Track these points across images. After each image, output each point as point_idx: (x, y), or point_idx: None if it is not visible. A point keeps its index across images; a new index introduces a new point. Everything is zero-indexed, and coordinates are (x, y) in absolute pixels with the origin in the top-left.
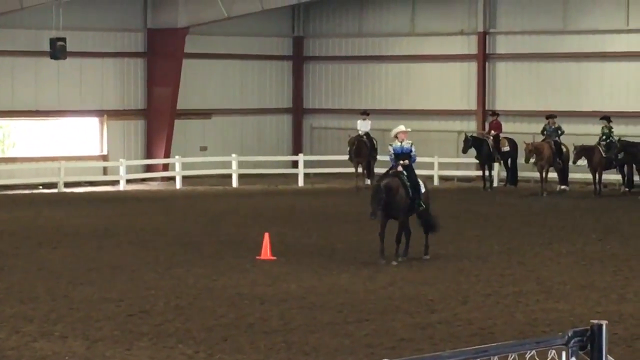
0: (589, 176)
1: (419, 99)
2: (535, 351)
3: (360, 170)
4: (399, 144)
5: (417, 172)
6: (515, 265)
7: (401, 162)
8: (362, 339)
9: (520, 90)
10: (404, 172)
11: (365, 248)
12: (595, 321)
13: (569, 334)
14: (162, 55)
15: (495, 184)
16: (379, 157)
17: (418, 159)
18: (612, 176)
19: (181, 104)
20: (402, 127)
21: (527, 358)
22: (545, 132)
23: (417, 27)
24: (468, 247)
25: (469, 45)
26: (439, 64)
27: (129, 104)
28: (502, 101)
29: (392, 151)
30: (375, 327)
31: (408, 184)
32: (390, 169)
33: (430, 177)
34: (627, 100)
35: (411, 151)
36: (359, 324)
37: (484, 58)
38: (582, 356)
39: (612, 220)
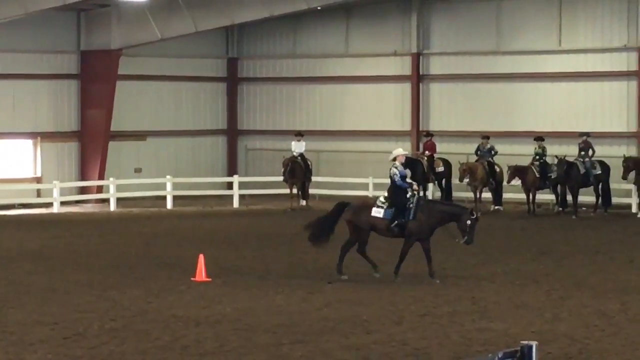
0: (523, 196)
1: (353, 120)
2: None
3: (295, 191)
4: (400, 166)
5: (353, 192)
6: (450, 285)
7: (415, 186)
8: None
9: (454, 111)
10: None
11: (300, 269)
12: (525, 342)
13: (499, 355)
14: (96, 77)
15: None
16: (313, 178)
17: (354, 180)
18: (545, 196)
19: (115, 126)
20: (401, 150)
21: None
22: (478, 153)
23: (351, 48)
24: (403, 267)
25: (402, 66)
26: (373, 85)
27: (63, 126)
28: (436, 122)
29: (398, 173)
30: (310, 348)
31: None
32: (399, 189)
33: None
34: (560, 121)
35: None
36: (293, 345)
37: (418, 79)
38: None
39: (546, 240)
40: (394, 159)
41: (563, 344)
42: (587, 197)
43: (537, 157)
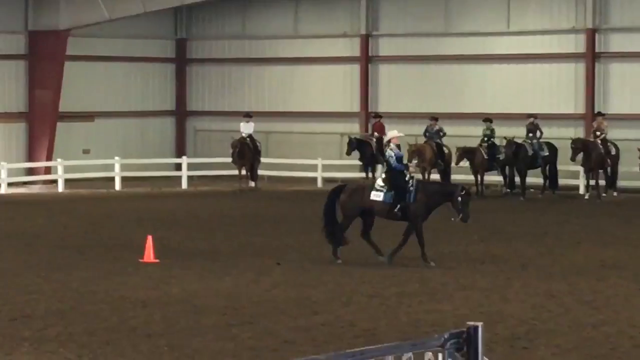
0: (471, 177)
1: (302, 101)
2: (413, 353)
3: (243, 172)
4: (395, 148)
5: (302, 173)
6: (398, 266)
7: (411, 168)
8: (246, 341)
9: (403, 92)
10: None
11: (249, 251)
12: (472, 323)
13: (445, 336)
14: (44, 57)
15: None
16: (262, 160)
17: (303, 161)
18: (494, 177)
19: (63, 107)
20: (395, 132)
21: None
22: (427, 134)
23: (301, 29)
24: (351, 248)
25: (352, 48)
26: (322, 66)
27: (10, 107)
28: (385, 103)
29: (393, 155)
30: (258, 329)
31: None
32: (396, 172)
33: (314, 179)
34: (508, 102)
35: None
36: (242, 327)
37: (367, 60)
38: (458, 358)
39: (493, 222)
40: (389, 142)
41: (510, 324)
42: (535, 178)
43: (486, 139)
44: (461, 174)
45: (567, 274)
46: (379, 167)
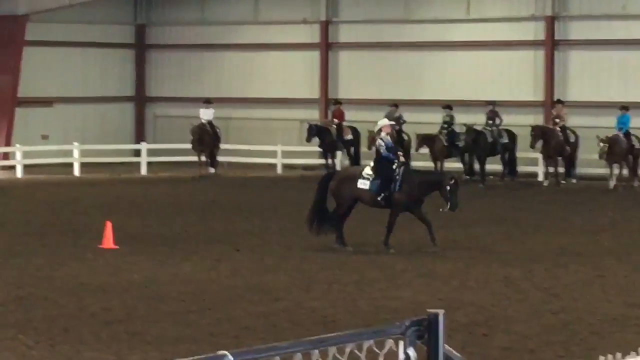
0: (431, 164)
1: (262, 88)
2: (374, 341)
3: (203, 159)
4: (386, 137)
5: (262, 160)
6: (358, 253)
7: (401, 158)
8: (205, 328)
9: (363, 79)
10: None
11: (208, 237)
12: (432, 310)
13: (406, 324)
14: (2, 42)
15: None
16: (222, 146)
17: (263, 148)
18: (453, 164)
19: (22, 92)
20: (386, 121)
21: (365, 348)
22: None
23: (261, 15)
24: (310, 235)
25: (312, 34)
26: (282, 52)
27: None
28: (344, 90)
29: (383, 144)
30: (218, 316)
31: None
32: (385, 160)
33: (274, 166)
34: (468, 89)
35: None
36: (201, 313)
37: (327, 47)
38: (419, 345)
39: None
40: (379, 130)
41: (470, 311)
42: (494, 165)
43: (445, 126)
44: (421, 161)
45: (525, 260)
46: (339, 153)
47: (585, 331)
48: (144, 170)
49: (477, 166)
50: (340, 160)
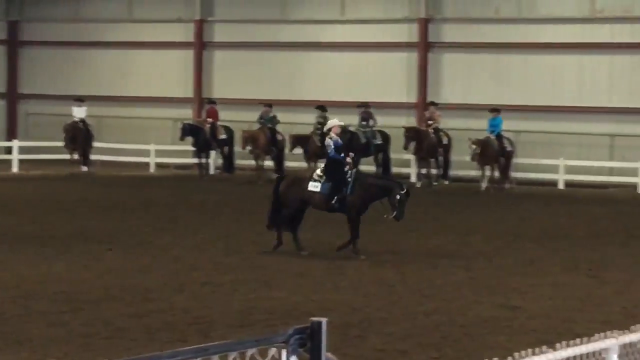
0: (305, 165)
1: (136, 86)
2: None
3: (76, 157)
4: (335, 136)
5: (135, 159)
6: (232, 253)
7: (349, 158)
8: (78, 328)
9: (238, 79)
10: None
11: (81, 236)
12: (316, 318)
13: (290, 332)
14: None
15: (211, 171)
16: (95, 144)
17: (136, 147)
18: None
19: None
20: (336, 121)
21: (249, 356)
22: (261, 121)
23: (135, 13)
24: (184, 235)
25: (186, 33)
26: (157, 51)
27: None
28: (219, 89)
29: (332, 144)
30: (90, 316)
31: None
32: (335, 162)
33: (147, 165)
34: (342, 90)
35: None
36: (74, 314)
37: (201, 46)
38: (302, 354)
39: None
40: (329, 130)
41: (343, 312)
42: (367, 166)
43: (319, 126)
44: (295, 161)
45: (398, 262)
46: (212, 153)
47: (458, 332)
48: (15, 168)
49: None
50: (214, 159)
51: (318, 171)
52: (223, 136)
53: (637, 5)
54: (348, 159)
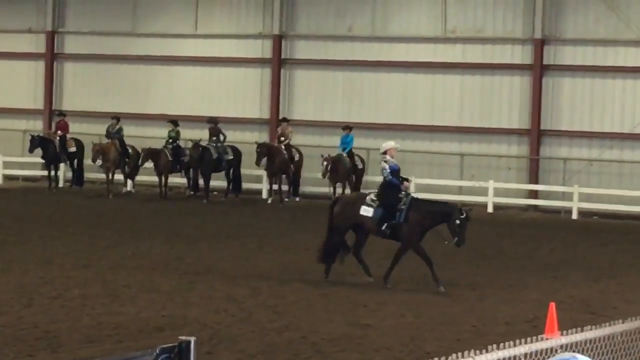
0: (155, 179)
1: None
2: None
3: None
4: (391, 160)
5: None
6: (80, 267)
7: (406, 183)
8: None
9: (89, 91)
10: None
11: None
12: (184, 337)
13: (157, 351)
14: None
15: (60, 184)
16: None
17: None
18: (178, 180)
19: None
20: (392, 143)
21: None
22: (109, 134)
23: None
24: (33, 248)
25: (37, 44)
26: (7, 61)
27: None
28: (69, 101)
29: (388, 168)
30: None
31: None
32: (390, 186)
33: None
34: (194, 105)
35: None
36: None
37: (52, 57)
38: None
39: (177, 224)
40: (384, 153)
41: (194, 328)
42: (219, 181)
43: (171, 141)
44: (145, 175)
45: (249, 278)
46: (62, 165)
47: (310, 350)
48: None
49: (201, 182)
50: (63, 172)
51: (372, 195)
52: (73, 149)
53: (489, 26)
54: (406, 184)
